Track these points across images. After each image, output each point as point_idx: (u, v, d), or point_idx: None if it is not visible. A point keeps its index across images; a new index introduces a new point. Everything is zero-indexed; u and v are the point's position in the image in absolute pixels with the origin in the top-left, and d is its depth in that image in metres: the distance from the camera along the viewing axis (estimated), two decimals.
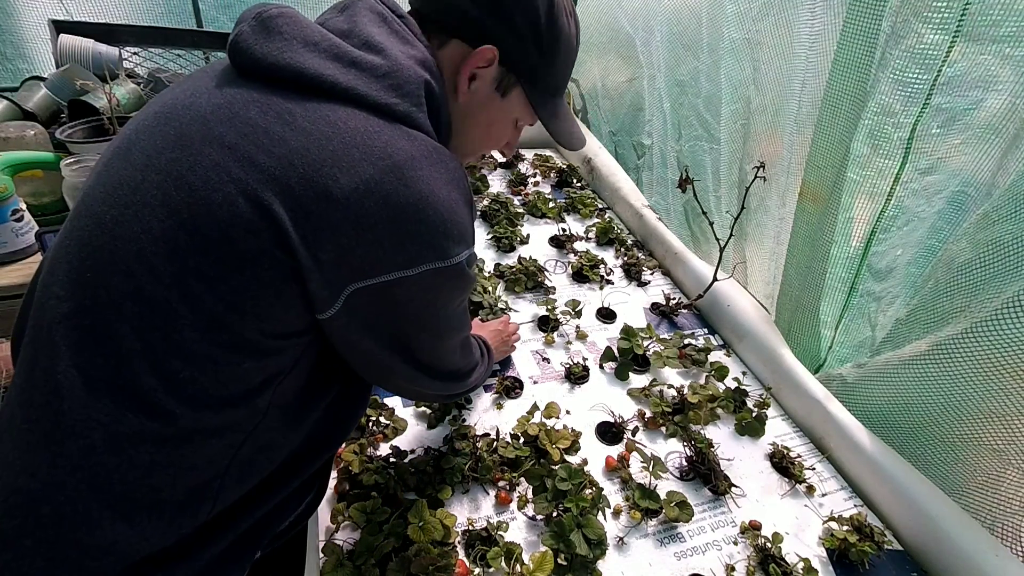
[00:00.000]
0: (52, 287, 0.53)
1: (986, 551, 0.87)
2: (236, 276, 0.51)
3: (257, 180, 0.50)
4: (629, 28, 1.86)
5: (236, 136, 0.52)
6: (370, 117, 0.55)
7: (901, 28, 0.92)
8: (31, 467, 0.50)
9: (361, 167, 0.52)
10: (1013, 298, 0.79)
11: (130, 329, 0.50)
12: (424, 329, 0.64)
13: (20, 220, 1.18)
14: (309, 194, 0.51)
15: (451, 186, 0.57)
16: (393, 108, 0.56)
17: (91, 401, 0.50)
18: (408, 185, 0.53)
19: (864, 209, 1.07)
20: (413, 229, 0.54)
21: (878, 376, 1.07)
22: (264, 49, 0.55)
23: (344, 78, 0.55)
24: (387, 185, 0.52)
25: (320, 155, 0.51)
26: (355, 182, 0.51)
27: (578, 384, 1.22)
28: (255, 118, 0.53)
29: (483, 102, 0.70)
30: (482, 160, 2.05)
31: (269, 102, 0.53)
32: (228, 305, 0.51)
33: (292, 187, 0.51)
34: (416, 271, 0.55)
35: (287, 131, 0.52)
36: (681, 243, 1.62)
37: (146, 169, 0.53)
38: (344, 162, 0.51)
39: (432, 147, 0.57)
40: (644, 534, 0.95)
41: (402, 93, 0.57)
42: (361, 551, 0.83)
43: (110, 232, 0.52)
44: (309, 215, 0.51)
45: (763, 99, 1.29)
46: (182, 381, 0.51)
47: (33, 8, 1.71)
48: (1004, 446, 0.87)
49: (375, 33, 0.59)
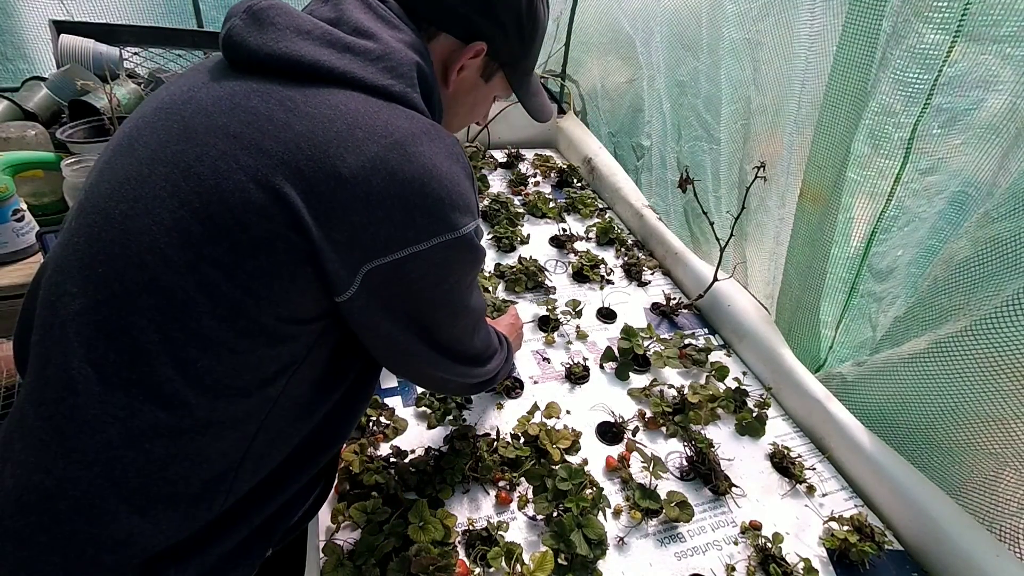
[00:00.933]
0: (63, 284, 0.53)
1: (987, 551, 0.87)
2: (251, 261, 0.52)
3: (267, 166, 0.51)
4: (629, 29, 1.85)
5: (240, 125, 0.53)
6: (368, 98, 0.56)
7: (902, 28, 0.92)
8: (45, 464, 0.51)
9: (366, 145, 0.53)
10: (1012, 297, 0.79)
11: (147, 321, 0.51)
12: (441, 306, 0.65)
13: (21, 220, 1.17)
14: (319, 175, 0.52)
15: (451, 160, 0.59)
16: (389, 89, 0.58)
17: (106, 396, 0.50)
18: (412, 160, 0.54)
19: (864, 209, 1.07)
20: (420, 203, 0.55)
21: (877, 375, 1.07)
22: (259, 40, 0.56)
23: (340, 63, 0.56)
24: (392, 162, 0.53)
25: (326, 137, 0.52)
26: (361, 160, 0.52)
27: (578, 384, 1.22)
28: (257, 107, 0.53)
29: (469, 88, 0.74)
30: (484, 159, 2.05)
31: (269, 91, 0.54)
32: (245, 290, 0.52)
33: (302, 169, 0.52)
34: (427, 245, 0.56)
35: (291, 117, 0.53)
36: (681, 243, 1.62)
37: (152, 162, 0.53)
38: (349, 142, 0.53)
39: (429, 124, 0.59)
40: (644, 534, 0.95)
41: (397, 74, 0.59)
42: (361, 551, 0.83)
43: (120, 226, 0.52)
44: (321, 196, 0.52)
45: (763, 99, 1.29)
46: (199, 370, 0.52)
47: (34, 8, 1.71)
48: (1002, 448, 0.87)
49: (363, 19, 0.60)
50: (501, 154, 2.14)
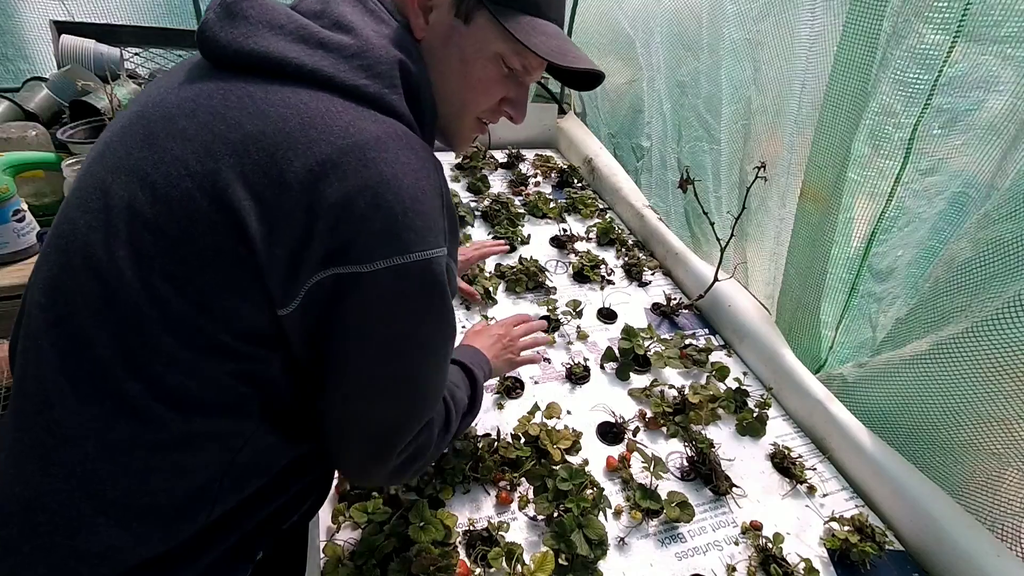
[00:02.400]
0: (36, 295, 0.53)
1: (987, 551, 0.87)
2: (200, 276, 0.49)
3: (213, 171, 0.48)
4: (629, 29, 1.86)
5: (196, 128, 0.50)
6: (335, 99, 0.51)
7: (902, 28, 0.92)
8: (24, 476, 0.50)
9: (317, 147, 0.48)
10: (1014, 298, 0.79)
11: (109, 336, 0.49)
12: (382, 361, 0.55)
13: (22, 220, 1.18)
14: (263, 181, 0.48)
15: (420, 174, 0.52)
16: (363, 90, 0.53)
17: (82, 409, 0.49)
18: (368, 166, 0.48)
19: (865, 210, 1.07)
20: (369, 215, 0.48)
21: (879, 376, 1.07)
22: (229, 36, 0.53)
23: (310, 60, 0.52)
24: (344, 166, 0.48)
25: (275, 138, 0.48)
26: (310, 163, 0.48)
27: (579, 384, 1.22)
28: (216, 106, 0.50)
29: (447, 35, 0.62)
30: (485, 159, 2.05)
31: (231, 88, 0.51)
32: (197, 307, 0.49)
33: (247, 175, 0.48)
34: (371, 267, 0.49)
35: (243, 116, 0.49)
36: (682, 243, 1.62)
37: (116, 171, 0.51)
38: (300, 143, 0.48)
39: (403, 132, 0.53)
40: (645, 534, 0.95)
41: (373, 74, 0.54)
42: (362, 551, 0.83)
43: (84, 238, 0.51)
44: (266, 203, 0.48)
45: (764, 99, 1.29)
46: (168, 386, 0.50)
47: (34, 9, 1.71)
48: (1004, 448, 0.87)
49: (347, 12, 0.56)
50: (502, 154, 2.14)
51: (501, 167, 2.11)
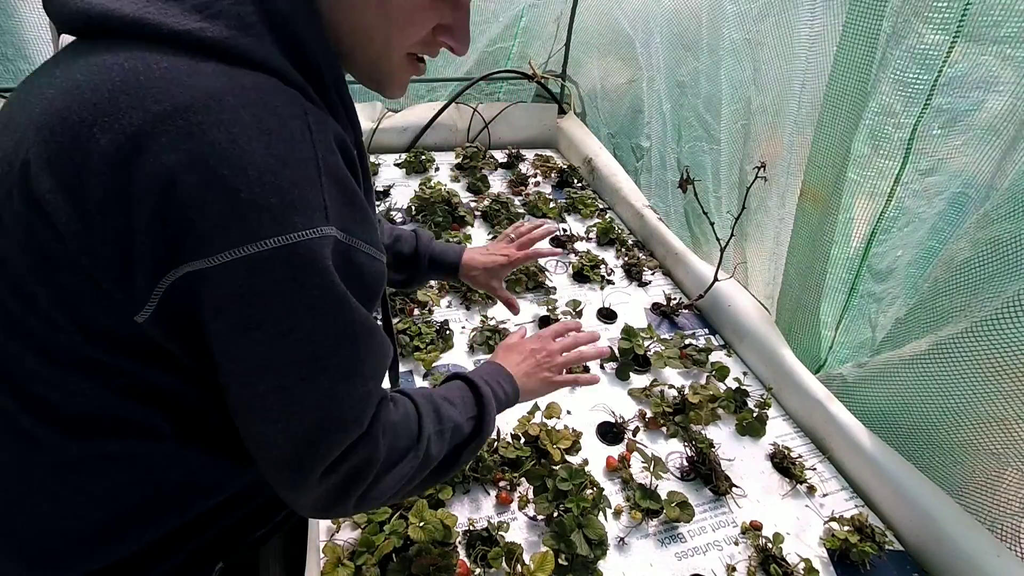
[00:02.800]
0: None
1: (987, 551, 0.87)
2: (41, 287, 0.43)
3: (24, 163, 0.41)
4: (629, 29, 1.86)
5: (23, 115, 0.43)
6: (163, 56, 0.40)
7: (902, 28, 0.92)
8: None
9: (127, 117, 0.39)
10: (1013, 298, 0.79)
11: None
12: (262, 375, 0.45)
13: None
14: (68, 167, 0.39)
15: (277, 137, 0.41)
16: (197, 35, 0.41)
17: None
18: (192, 133, 0.38)
19: (864, 210, 1.07)
20: (199, 195, 0.39)
21: (878, 376, 1.07)
22: (59, 0, 0.44)
23: (132, 9, 0.41)
24: (160, 136, 0.38)
25: (81, 114, 0.39)
26: (118, 140, 0.38)
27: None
28: (43, 85, 0.43)
29: None
30: (485, 159, 2.05)
31: (63, 61, 0.44)
32: (43, 319, 0.43)
33: (52, 162, 0.40)
34: (215, 261, 0.40)
35: (57, 93, 0.41)
36: (682, 243, 1.62)
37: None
38: (108, 115, 0.39)
39: (255, 84, 0.42)
40: (645, 534, 0.95)
41: (210, 14, 0.42)
42: (362, 551, 0.83)
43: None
44: (72, 194, 0.39)
45: (763, 99, 1.29)
46: (47, 406, 0.46)
47: (34, 9, 1.71)
48: (1003, 448, 0.87)
49: None
50: (501, 154, 2.14)
51: (501, 167, 2.11)
